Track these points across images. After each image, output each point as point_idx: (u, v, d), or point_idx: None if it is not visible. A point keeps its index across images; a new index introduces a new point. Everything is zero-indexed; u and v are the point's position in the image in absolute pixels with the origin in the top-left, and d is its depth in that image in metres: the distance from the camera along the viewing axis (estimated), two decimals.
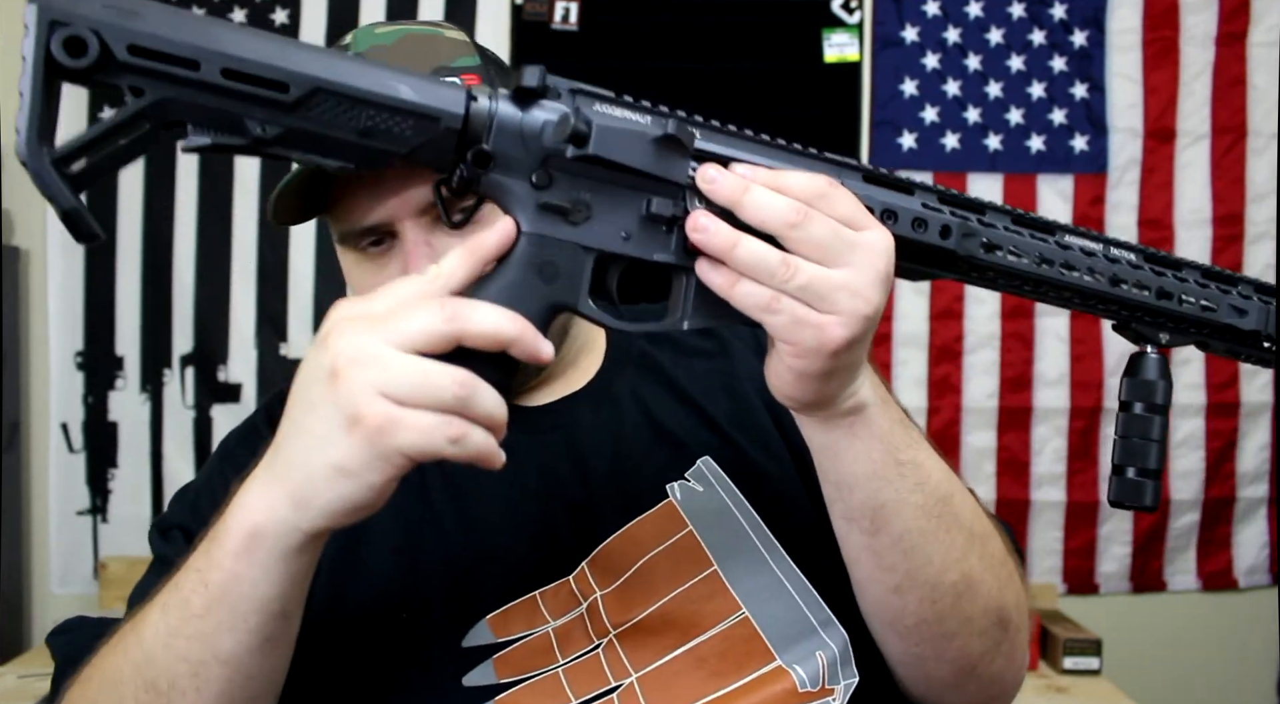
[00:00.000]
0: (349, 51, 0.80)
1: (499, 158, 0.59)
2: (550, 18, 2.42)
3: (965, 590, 0.72)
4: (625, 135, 0.61)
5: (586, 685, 0.75)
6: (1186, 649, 2.49)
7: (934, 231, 0.66)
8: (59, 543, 2.44)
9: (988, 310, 2.46)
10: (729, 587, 0.77)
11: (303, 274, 2.44)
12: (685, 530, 0.79)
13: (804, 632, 0.76)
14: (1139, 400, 0.73)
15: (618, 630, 0.76)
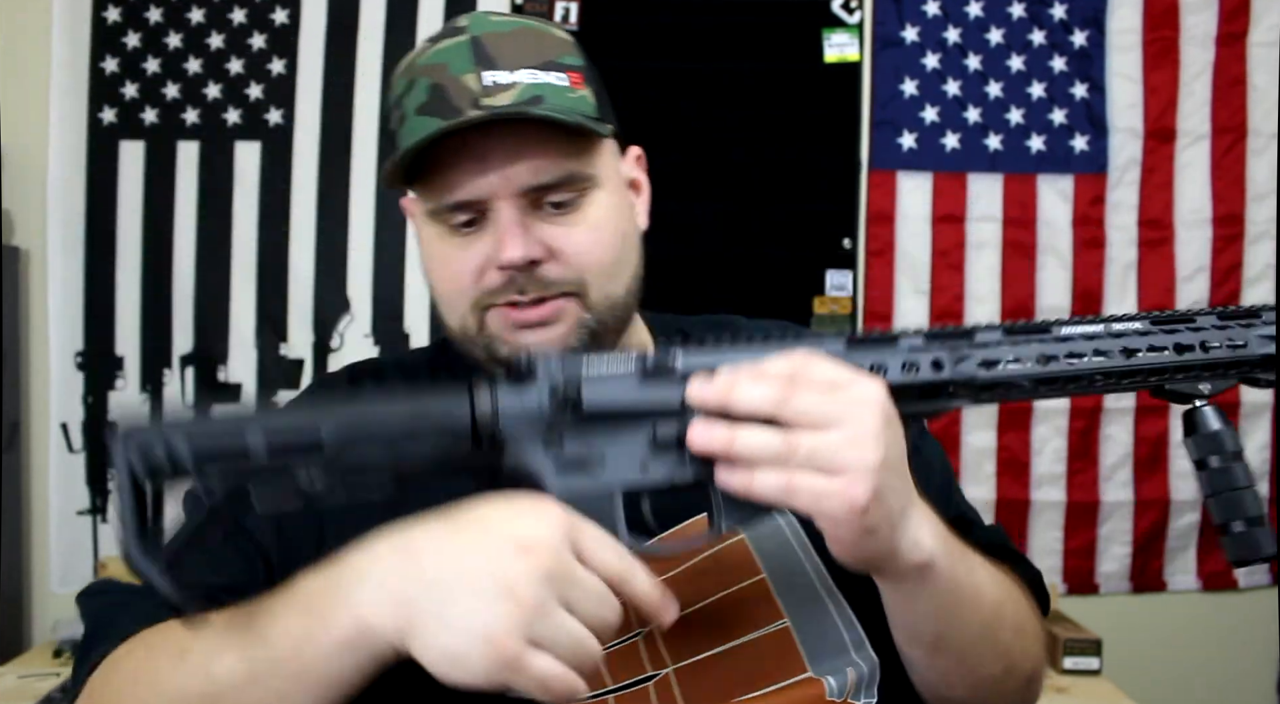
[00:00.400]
0: (465, 34, 0.83)
1: (511, 438, 0.66)
2: (550, 18, 2.42)
3: (1005, 675, 0.78)
4: (612, 384, 0.66)
5: (625, 673, 0.77)
6: (1186, 649, 2.49)
7: (926, 368, 0.69)
8: (59, 543, 2.44)
9: (987, 310, 2.46)
10: (775, 596, 0.79)
11: (303, 274, 2.44)
12: (737, 538, 0.81)
13: (839, 649, 0.79)
14: (1212, 454, 0.73)
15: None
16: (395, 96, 0.85)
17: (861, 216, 2.46)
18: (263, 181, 2.44)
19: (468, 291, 0.83)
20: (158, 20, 2.44)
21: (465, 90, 0.80)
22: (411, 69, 0.84)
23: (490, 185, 0.80)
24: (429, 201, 0.84)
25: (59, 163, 2.42)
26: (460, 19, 0.86)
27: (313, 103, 2.44)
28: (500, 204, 0.80)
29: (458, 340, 0.86)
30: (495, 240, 0.81)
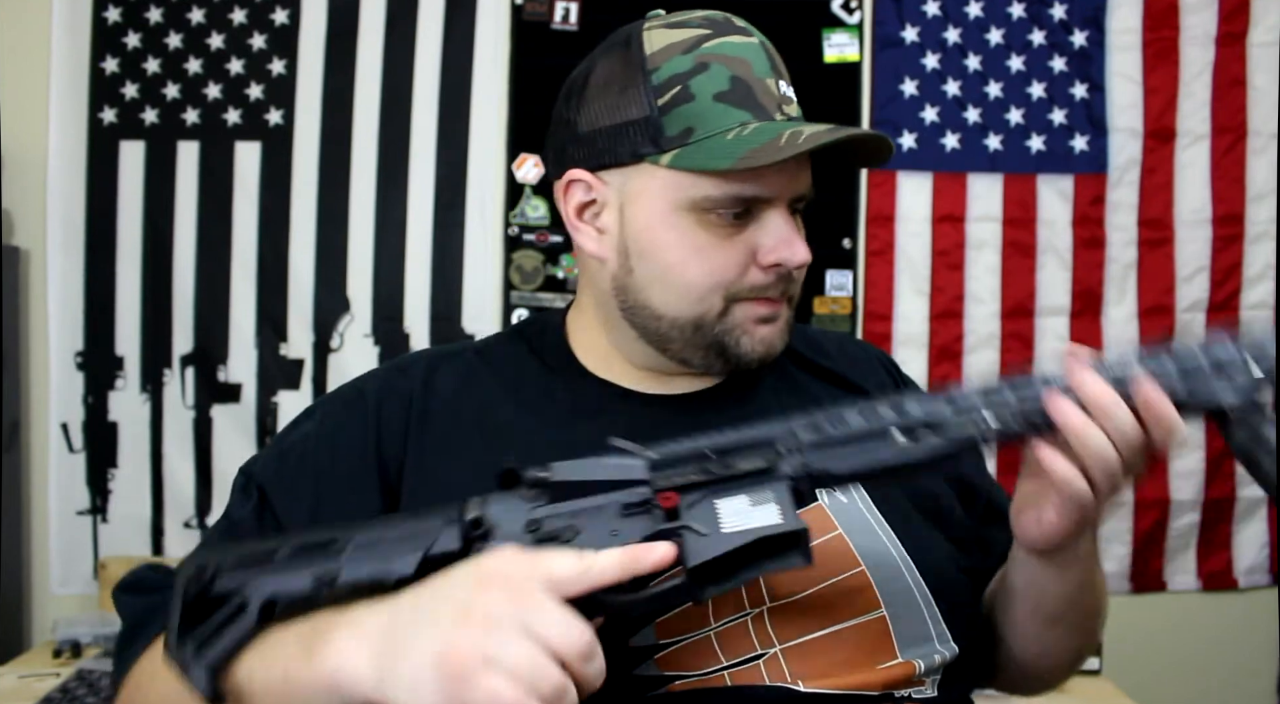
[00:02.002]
0: (753, 37, 0.93)
1: (500, 529, 0.70)
2: (550, 18, 2.43)
3: (1081, 653, 0.94)
4: (583, 460, 0.72)
5: (736, 649, 0.80)
6: (1186, 649, 2.49)
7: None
8: (59, 543, 2.44)
9: (987, 310, 2.46)
10: (875, 587, 0.83)
11: (303, 274, 2.44)
12: (835, 532, 0.86)
13: (925, 638, 0.84)
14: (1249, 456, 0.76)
15: (771, 604, 0.82)
16: (672, 72, 0.86)
17: (861, 216, 2.46)
18: (263, 181, 2.44)
19: (728, 283, 0.86)
20: (158, 20, 2.44)
21: (771, 95, 0.87)
22: (699, 52, 0.87)
23: (781, 186, 0.86)
24: (710, 189, 0.85)
25: (59, 163, 2.42)
26: (733, 19, 0.94)
27: (313, 103, 2.44)
28: (781, 207, 0.87)
29: (680, 327, 0.89)
30: (772, 239, 0.86)
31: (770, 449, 0.72)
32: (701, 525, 0.68)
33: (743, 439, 0.73)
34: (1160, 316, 2.46)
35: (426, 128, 2.43)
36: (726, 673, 0.79)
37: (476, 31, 2.42)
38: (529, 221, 2.43)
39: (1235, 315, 2.47)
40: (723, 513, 0.69)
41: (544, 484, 0.71)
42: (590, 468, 0.71)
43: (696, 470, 0.71)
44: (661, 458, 0.72)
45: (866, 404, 0.74)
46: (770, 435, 0.73)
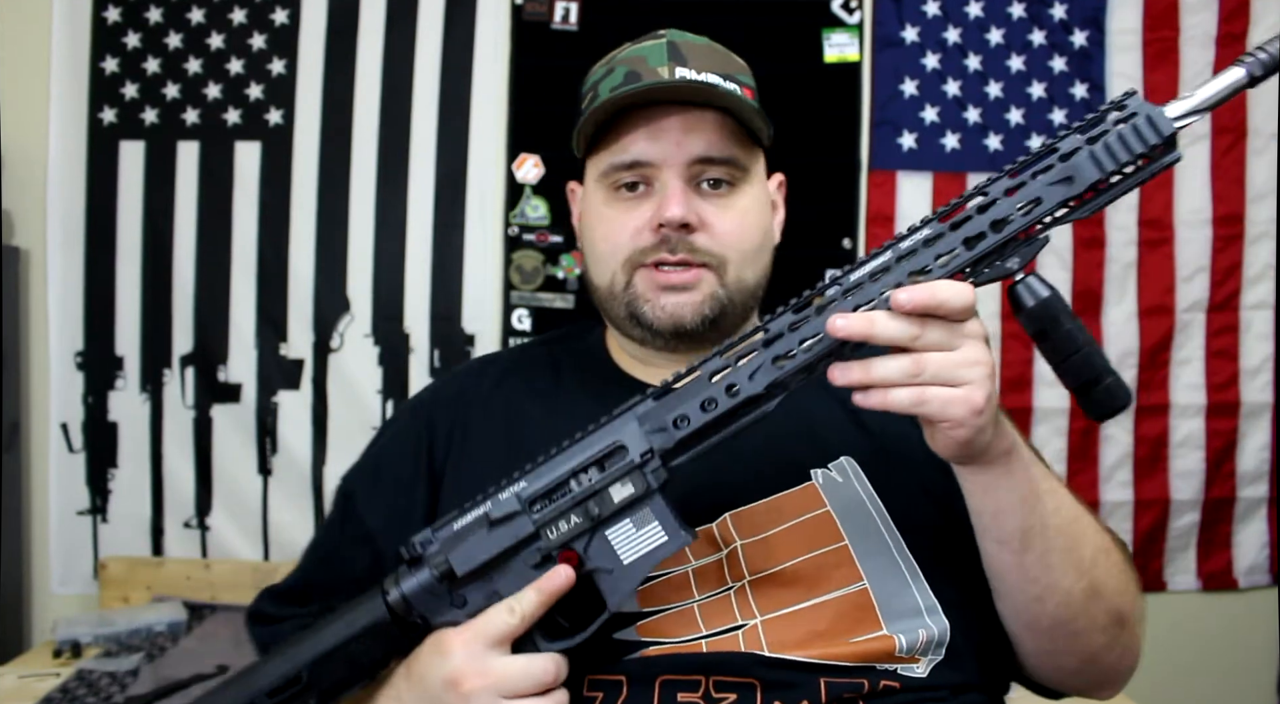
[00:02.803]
0: (663, 38, 1.01)
1: (429, 610, 0.80)
2: (550, 18, 2.43)
3: (1093, 595, 0.84)
4: (470, 545, 0.78)
5: (716, 620, 0.85)
6: (1186, 649, 2.49)
7: (723, 399, 0.76)
8: (59, 543, 2.44)
9: (987, 310, 2.46)
10: (855, 560, 0.87)
11: (303, 274, 2.44)
12: (823, 509, 0.90)
13: (912, 612, 0.86)
14: (1045, 323, 0.74)
15: (752, 577, 0.87)
16: (592, 82, 1.01)
17: (861, 216, 2.46)
18: (263, 181, 2.44)
19: (622, 248, 0.96)
20: (158, 20, 2.44)
21: (657, 77, 0.96)
22: (612, 60, 1.01)
23: (663, 151, 0.94)
24: (604, 162, 0.97)
25: (59, 163, 2.42)
26: (660, 30, 1.04)
27: (313, 103, 2.44)
28: (668, 171, 0.94)
29: (604, 298, 0.99)
30: (658, 203, 0.94)
31: (623, 453, 0.78)
32: (606, 562, 0.77)
33: (594, 453, 0.78)
34: (1160, 316, 2.46)
35: (426, 128, 2.43)
36: (704, 641, 0.84)
37: (476, 31, 2.42)
38: (529, 221, 2.43)
39: (1235, 315, 2.47)
40: (617, 545, 0.78)
41: (451, 576, 0.79)
42: (483, 546, 0.78)
43: (579, 514, 0.77)
44: (537, 495, 0.79)
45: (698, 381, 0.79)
46: (617, 440, 0.78)
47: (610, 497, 0.77)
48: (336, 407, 2.43)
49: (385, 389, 2.43)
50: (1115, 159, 0.74)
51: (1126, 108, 0.76)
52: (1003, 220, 0.74)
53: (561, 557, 0.78)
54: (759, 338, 0.76)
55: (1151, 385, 2.47)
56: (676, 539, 0.77)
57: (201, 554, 2.44)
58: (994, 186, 0.75)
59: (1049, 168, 0.74)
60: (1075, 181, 0.73)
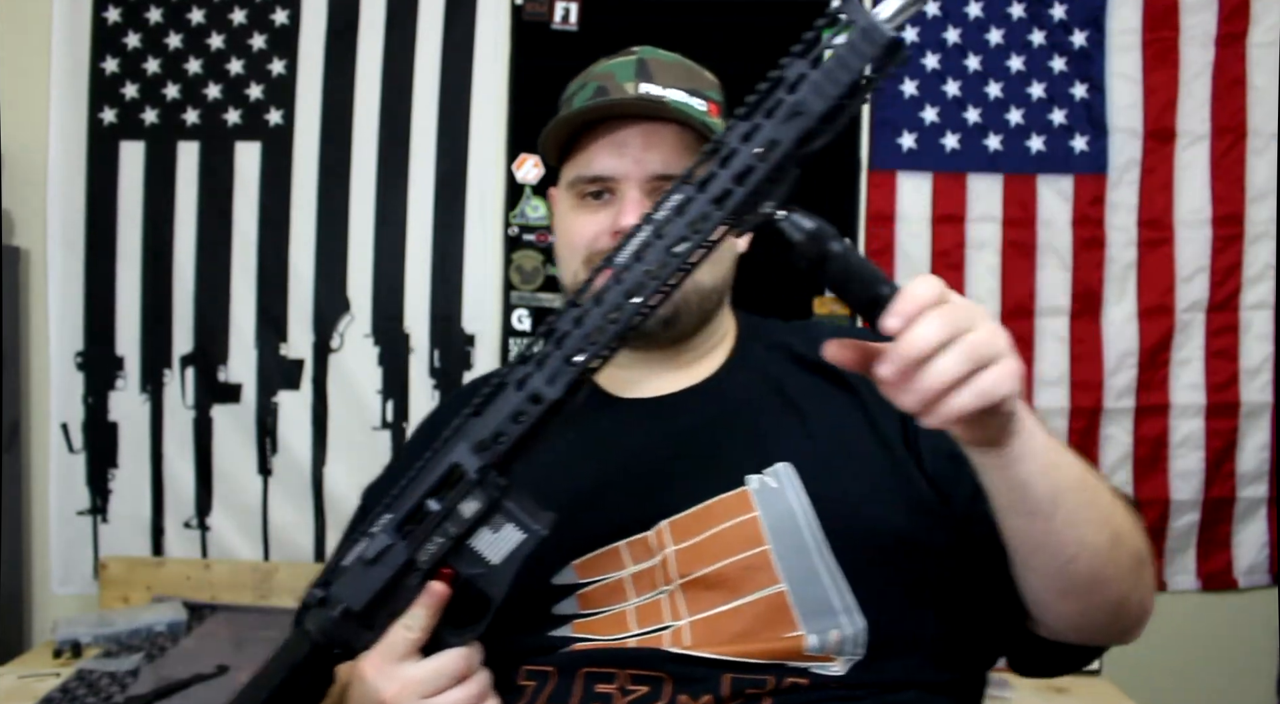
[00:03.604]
0: (634, 55, 1.05)
1: (348, 639, 0.86)
2: (550, 18, 2.43)
3: (1116, 541, 0.84)
4: (357, 581, 0.84)
5: (648, 621, 0.92)
6: (1186, 649, 2.48)
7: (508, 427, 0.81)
8: (59, 543, 2.44)
9: (987, 310, 2.46)
10: (774, 564, 0.91)
11: (303, 274, 2.44)
12: (752, 514, 0.94)
13: (828, 612, 0.90)
14: (816, 253, 0.73)
15: (681, 581, 0.92)
16: (566, 96, 1.08)
17: (861, 216, 2.46)
18: (263, 181, 2.44)
19: (581, 250, 1.03)
20: (158, 20, 2.44)
21: (623, 92, 1.02)
22: (586, 76, 1.07)
23: (624, 166, 1.01)
24: (571, 173, 1.05)
25: (59, 163, 2.42)
26: (633, 48, 1.08)
27: (313, 103, 2.44)
28: (628, 184, 1.01)
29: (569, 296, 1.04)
30: (617, 211, 1.00)
31: (462, 472, 0.82)
32: (477, 567, 0.83)
33: (437, 478, 0.83)
34: (1160, 317, 2.46)
35: (426, 128, 2.43)
36: (633, 640, 0.91)
37: (476, 31, 2.42)
38: (529, 221, 2.43)
39: (1235, 315, 2.47)
40: (482, 551, 0.83)
41: (347, 614, 0.85)
42: (367, 581, 0.84)
43: (441, 535, 0.83)
44: (403, 521, 0.84)
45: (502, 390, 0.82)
46: (453, 461, 0.83)
47: (462, 514, 0.82)
48: (337, 407, 2.43)
49: (385, 389, 2.43)
50: (838, 83, 0.72)
51: (840, 19, 0.73)
52: (745, 171, 0.72)
53: (441, 575, 0.84)
54: (549, 338, 0.79)
55: (1151, 385, 2.47)
56: (533, 536, 0.83)
57: (202, 554, 2.44)
58: (731, 135, 0.73)
59: (779, 104, 0.72)
60: (807, 115, 0.72)
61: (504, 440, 0.81)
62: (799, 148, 0.72)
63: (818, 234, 0.73)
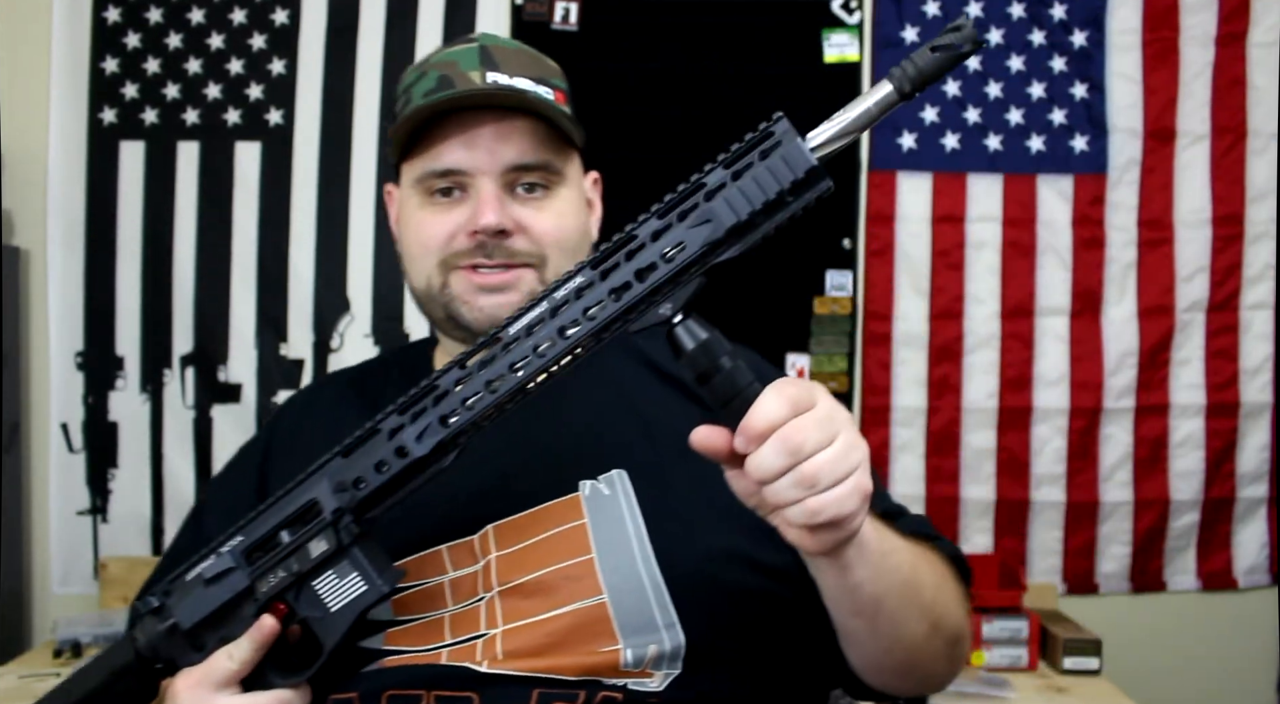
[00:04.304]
0: (475, 42, 1.00)
1: (173, 654, 0.84)
2: (550, 18, 2.43)
3: (933, 631, 0.86)
4: (194, 600, 0.83)
5: (462, 630, 0.88)
6: (1186, 649, 2.49)
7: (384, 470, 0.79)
8: (59, 543, 2.44)
9: (987, 310, 2.46)
10: (598, 575, 0.88)
11: (303, 274, 2.44)
12: (580, 521, 0.91)
13: (647, 627, 0.86)
14: (705, 367, 0.70)
15: (500, 588, 0.89)
16: (404, 86, 1.02)
17: (861, 216, 2.46)
18: (263, 181, 2.44)
19: (436, 252, 0.97)
20: (158, 20, 2.44)
21: (470, 82, 0.96)
22: (424, 64, 1.01)
23: (477, 160, 0.95)
24: (418, 169, 0.98)
25: (59, 163, 2.42)
26: (472, 34, 1.04)
27: (313, 103, 2.44)
28: (483, 179, 0.95)
29: (422, 299, 1.01)
30: (473, 209, 0.95)
31: (318, 509, 0.81)
32: (315, 610, 0.82)
33: (293, 511, 0.82)
34: (1160, 317, 2.46)
35: None
36: (445, 651, 0.87)
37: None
38: None
39: (1235, 315, 2.47)
40: (323, 594, 0.82)
41: (175, 630, 0.84)
42: (204, 601, 0.83)
43: (285, 569, 0.82)
44: (252, 547, 0.83)
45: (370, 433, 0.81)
46: (311, 498, 0.81)
47: (309, 552, 0.81)
48: None
49: None
50: (751, 202, 0.70)
51: (771, 137, 0.70)
52: (648, 268, 0.71)
53: (274, 608, 0.82)
54: (429, 397, 0.77)
55: (1151, 385, 2.47)
56: (375, 590, 0.81)
57: None
58: (642, 228, 0.71)
59: (695, 207, 0.71)
60: (715, 225, 0.70)
61: (363, 487, 0.79)
62: (706, 256, 0.70)
63: (710, 347, 0.70)
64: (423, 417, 0.77)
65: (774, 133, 0.70)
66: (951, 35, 0.68)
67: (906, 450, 2.48)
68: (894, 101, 0.69)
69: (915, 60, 0.68)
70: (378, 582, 0.81)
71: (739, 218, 0.70)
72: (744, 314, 2.46)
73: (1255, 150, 2.46)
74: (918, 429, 2.47)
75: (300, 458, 0.95)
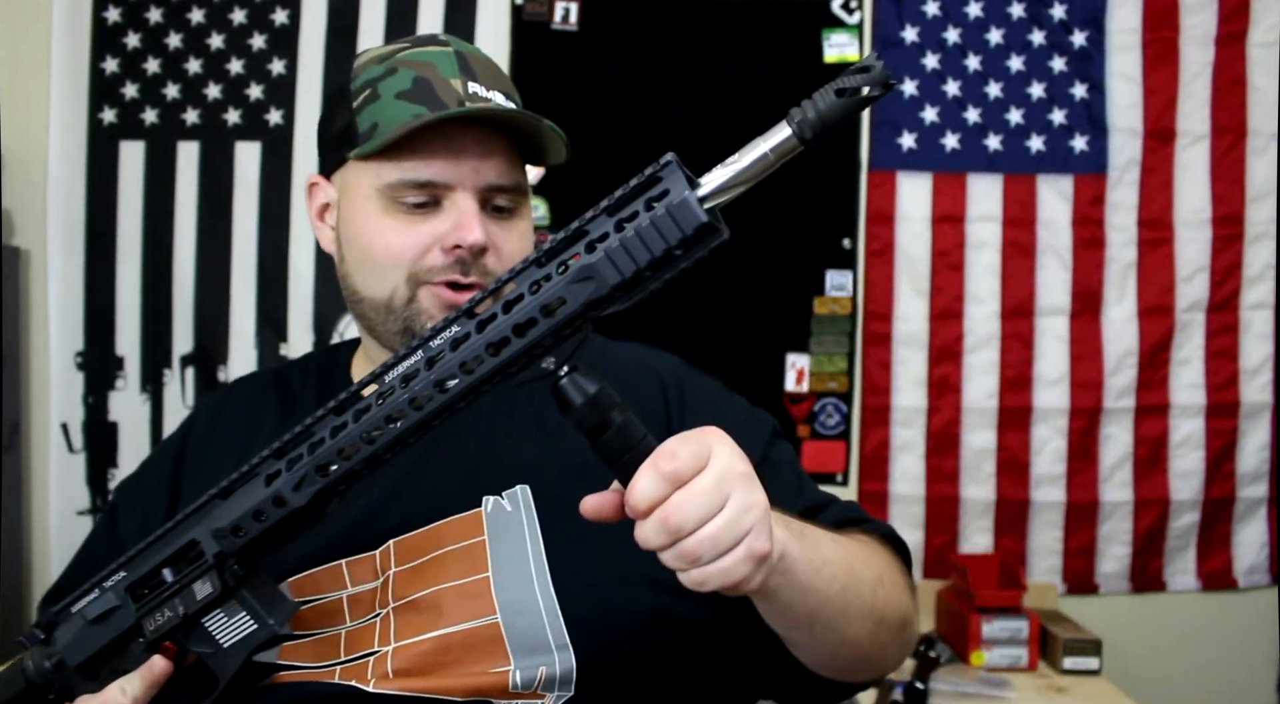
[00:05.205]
0: (448, 46, 0.96)
1: (68, 683, 0.84)
2: (550, 18, 2.42)
3: (879, 626, 0.84)
4: (80, 639, 0.83)
5: (357, 646, 0.87)
6: (1186, 649, 2.49)
7: (292, 498, 0.74)
8: (59, 543, 2.44)
9: (987, 310, 2.46)
10: (493, 594, 0.86)
11: (303, 274, 2.44)
12: (480, 538, 0.89)
13: (540, 648, 0.84)
14: (595, 422, 0.67)
15: (395, 605, 0.87)
16: (366, 78, 0.95)
17: (861, 216, 2.46)
18: (263, 181, 2.44)
19: (408, 264, 0.93)
20: (158, 20, 2.44)
21: (452, 91, 0.92)
22: (391, 59, 0.95)
23: (460, 174, 0.92)
24: (389, 175, 0.93)
25: (59, 163, 2.42)
26: (438, 35, 0.99)
27: (313, 103, 2.44)
28: (463, 194, 0.92)
29: (376, 309, 0.96)
30: (453, 224, 0.91)
31: (200, 551, 0.79)
32: (206, 646, 0.81)
33: (175, 550, 0.80)
34: (1160, 317, 2.46)
35: None
36: (339, 668, 0.86)
37: (476, 31, 2.42)
38: None
39: (1235, 315, 2.47)
40: (214, 631, 0.81)
41: (62, 666, 0.84)
42: (89, 639, 0.82)
43: (170, 609, 0.80)
44: (136, 583, 0.81)
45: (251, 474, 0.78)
46: (192, 538, 0.79)
47: (194, 593, 0.79)
48: None
49: None
50: (635, 260, 0.63)
51: (658, 184, 0.64)
52: (526, 324, 0.66)
53: (162, 647, 0.82)
54: (305, 442, 0.74)
55: (1151, 385, 2.47)
56: (265, 629, 0.80)
57: None
58: (521, 279, 0.66)
59: (575, 258, 0.65)
60: (598, 283, 0.64)
61: (243, 535, 0.76)
62: (588, 311, 0.65)
63: (598, 402, 0.66)
64: (298, 465, 0.73)
65: (661, 179, 0.64)
66: (859, 77, 0.60)
67: (906, 450, 2.48)
68: (794, 147, 0.64)
69: (818, 103, 0.62)
70: (268, 621, 0.80)
71: (623, 276, 0.64)
72: (744, 314, 2.47)
73: (1255, 150, 2.46)
74: (918, 429, 2.47)
75: (214, 462, 0.96)
